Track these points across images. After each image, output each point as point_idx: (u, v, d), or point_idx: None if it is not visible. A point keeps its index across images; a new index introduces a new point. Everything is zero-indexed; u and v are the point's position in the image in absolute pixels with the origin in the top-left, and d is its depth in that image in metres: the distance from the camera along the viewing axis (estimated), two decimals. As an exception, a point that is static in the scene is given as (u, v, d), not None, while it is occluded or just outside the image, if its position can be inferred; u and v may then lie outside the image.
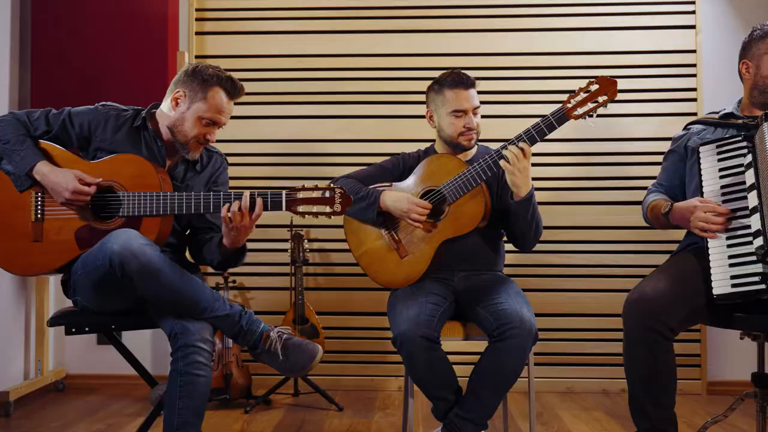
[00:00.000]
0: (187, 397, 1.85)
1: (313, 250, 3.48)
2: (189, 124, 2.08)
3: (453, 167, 2.28)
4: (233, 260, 2.13)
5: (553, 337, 3.43)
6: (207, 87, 2.07)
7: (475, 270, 2.37)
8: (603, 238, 3.45)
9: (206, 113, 2.07)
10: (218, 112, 2.08)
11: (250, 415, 3.00)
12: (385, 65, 3.50)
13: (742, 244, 1.93)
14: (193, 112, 2.08)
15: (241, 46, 3.54)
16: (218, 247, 2.09)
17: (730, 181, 2.00)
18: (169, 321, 1.90)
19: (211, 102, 2.07)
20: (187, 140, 2.10)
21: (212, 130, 2.11)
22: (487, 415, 2.14)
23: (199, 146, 2.13)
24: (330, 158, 3.49)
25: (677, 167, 2.30)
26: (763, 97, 2.17)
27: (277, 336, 1.96)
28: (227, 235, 1.99)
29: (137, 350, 2.42)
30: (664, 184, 2.35)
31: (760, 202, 1.88)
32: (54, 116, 2.10)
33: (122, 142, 2.09)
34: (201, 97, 2.07)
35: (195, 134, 2.09)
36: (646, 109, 3.46)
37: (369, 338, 3.47)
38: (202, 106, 2.07)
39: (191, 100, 2.08)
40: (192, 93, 2.08)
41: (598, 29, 3.48)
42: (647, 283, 2.02)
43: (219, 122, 2.10)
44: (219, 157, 2.30)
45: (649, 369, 1.97)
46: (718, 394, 3.37)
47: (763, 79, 2.16)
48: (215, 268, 2.19)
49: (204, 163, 2.24)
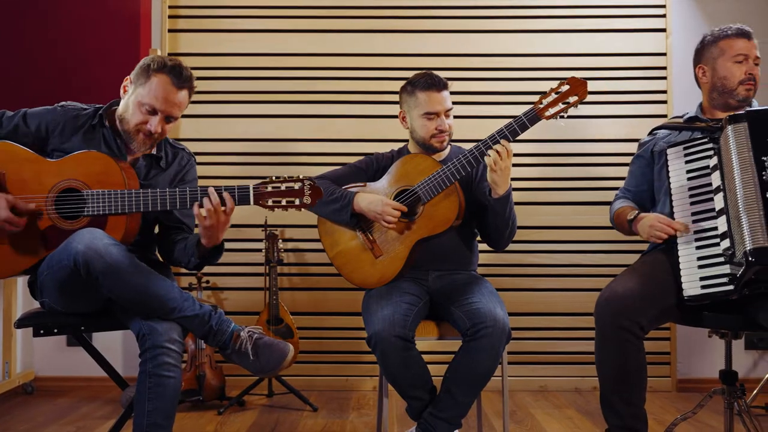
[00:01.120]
0: (157, 399, 1.82)
1: (288, 250, 3.46)
2: (130, 111, 2.03)
3: (427, 167, 2.29)
4: (212, 258, 2.10)
5: (526, 336, 3.45)
6: (150, 73, 2.01)
7: (449, 269, 2.38)
8: (575, 238, 3.49)
9: (145, 98, 2.00)
10: (157, 99, 2.00)
11: (223, 416, 2.97)
12: (360, 65, 3.50)
13: (710, 246, 1.96)
14: (134, 98, 2.02)
15: (215, 44, 3.51)
16: (196, 248, 2.04)
17: (698, 182, 2.04)
18: (137, 322, 1.87)
19: (150, 87, 2.00)
20: (130, 129, 2.03)
21: (155, 119, 2.01)
22: (461, 414, 2.15)
23: (145, 138, 2.04)
24: (304, 158, 3.48)
25: (644, 172, 2.34)
26: (723, 97, 2.23)
27: (248, 336, 1.94)
28: (205, 234, 1.96)
29: (108, 352, 2.39)
30: (631, 190, 2.38)
31: (726, 205, 1.92)
32: (8, 119, 2.05)
33: (79, 145, 2.04)
34: (142, 83, 2.01)
35: (136, 122, 2.02)
36: (617, 110, 3.50)
37: (344, 338, 3.46)
38: (141, 91, 2.01)
39: (134, 87, 2.03)
40: (136, 79, 2.03)
41: (570, 31, 3.52)
42: (618, 283, 2.05)
43: (161, 110, 2.01)
44: (186, 155, 2.24)
45: (620, 367, 1.99)
46: (687, 391, 3.42)
47: (721, 80, 2.22)
48: (192, 269, 2.14)
49: (169, 160, 2.19)
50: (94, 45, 3.29)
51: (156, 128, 2.02)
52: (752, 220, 1.83)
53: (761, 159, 1.87)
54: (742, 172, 1.88)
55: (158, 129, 2.03)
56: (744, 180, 1.87)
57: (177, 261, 2.15)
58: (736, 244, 1.86)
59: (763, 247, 1.79)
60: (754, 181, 1.86)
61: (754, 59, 2.21)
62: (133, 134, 2.04)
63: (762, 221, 1.82)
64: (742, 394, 2.13)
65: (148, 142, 2.07)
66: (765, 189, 1.84)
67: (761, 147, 1.88)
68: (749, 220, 1.83)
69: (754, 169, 1.86)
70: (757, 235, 1.81)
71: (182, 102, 2.06)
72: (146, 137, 2.04)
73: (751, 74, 2.20)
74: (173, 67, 2.02)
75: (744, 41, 2.21)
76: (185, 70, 2.04)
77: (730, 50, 2.21)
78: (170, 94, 2.02)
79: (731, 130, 1.93)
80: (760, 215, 1.82)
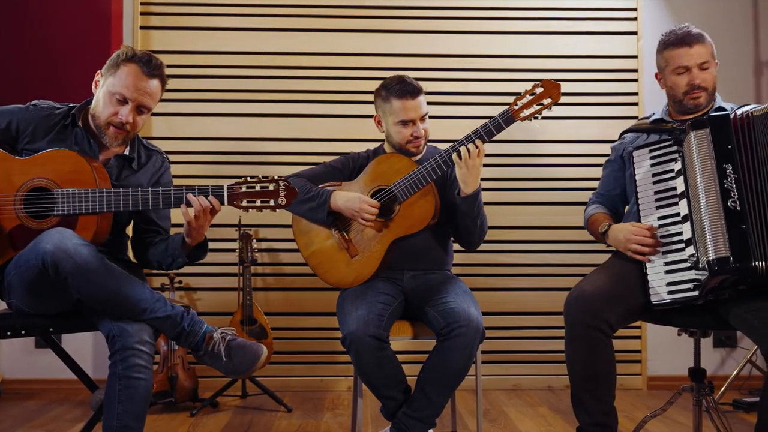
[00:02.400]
0: (127, 401, 1.79)
1: (262, 249, 3.44)
2: (101, 104, 2.00)
3: (403, 166, 2.29)
4: (200, 255, 2.11)
5: (499, 335, 3.48)
6: (119, 62, 1.99)
7: (423, 269, 2.39)
8: (547, 238, 3.52)
9: (115, 87, 1.97)
10: (127, 87, 1.97)
11: (196, 418, 2.94)
12: (334, 64, 3.49)
13: (677, 251, 1.97)
14: (105, 89, 2.00)
15: (188, 42, 3.47)
16: (182, 247, 2.03)
17: (663, 186, 2.04)
18: (107, 323, 1.84)
19: (120, 75, 1.98)
20: (101, 122, 2.00)
21: (126, 109, 1.98)
22: (435, 413, 2.16)
23: (117, 132, 2.01)
24: (279, 157, 3.46)
25: (616, 177, 2.34)
26: (678, 105, 2.22)
27: (221, 337, 1.92)
28: (190, 233, 1.98)
29: (77, 353, 2.35)
30: (603, 194, 2.39)
31: (690, 211, 1.92)
32: None
33: (49, 145, 2.00)
34: (112, 73, 1.99)
35: (108, 114, 1.99)
36: (589, 112, 3.55)
37: (318, 338, 3.45)
38: (112, 80, 1.99)
39: (105, 79, 2.01)
40: (106, 71, 2.02)
41: (542, 33, 3.55)
42: (587, 282, 2.07)
43: (132, 99, 1.98)
44: (159, 156, 2.21)
45: (590, 365, 2.01)
46: (657, 388, 3.48)
47: (670, 90, 2.22)
48: (175, 269, 2.13)
49: (142, 161, 2.16)
50: (65, 42, 3.23)
51: (127, 118, 1.99)
52: (714, 229, 1.84)
53: (723, 167, 1.87)
54: (704, 180, 1.88)
55: (129, 119, 1.99)
56: (706, 188, 1.88)
57: (155, 263, 2.13)
58: (699, 252, 1.87)
59: (725, 257, 1.81)
60: (716, 190, 1.86)
61: (701, 65, 2.14)
62: (105, 128, 2.01)
63: (724, 231, 1.83)
64: (710, 391, 2.17)
65: (121, 136, 2.03)
66: (726, 198, 1.85)
67: (723, 155, 1.88)
68: (712, 230, 1.84)
69: (716, 178, 1.87)
70: (719, 245, 1.82)
71: (153, 91, 2.03)
72: (118, 130, 2.01)
73: (693, 84, 2.13)
74: (142, 56, 2.01)
75: (685, 50, 2.14)
76: (155, 59, 2.03)
77: (671, 62, 2.17)
78: (140, 81, 1.99)
79: (694, 136, 1.93)
80: (722, 224, 1.83)
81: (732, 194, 1.85)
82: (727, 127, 1.91)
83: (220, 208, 1.94)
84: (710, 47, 2.18)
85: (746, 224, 1.83)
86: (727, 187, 1.86)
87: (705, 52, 2.15)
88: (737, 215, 1.84)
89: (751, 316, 1.86)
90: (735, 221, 1.83)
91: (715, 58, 2.21)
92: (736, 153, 1.89)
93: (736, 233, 1.82)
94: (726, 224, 1.83)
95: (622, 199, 2.35)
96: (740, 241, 1.81)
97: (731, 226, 1.83)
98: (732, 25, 3.61)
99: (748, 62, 3.62)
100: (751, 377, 3.35)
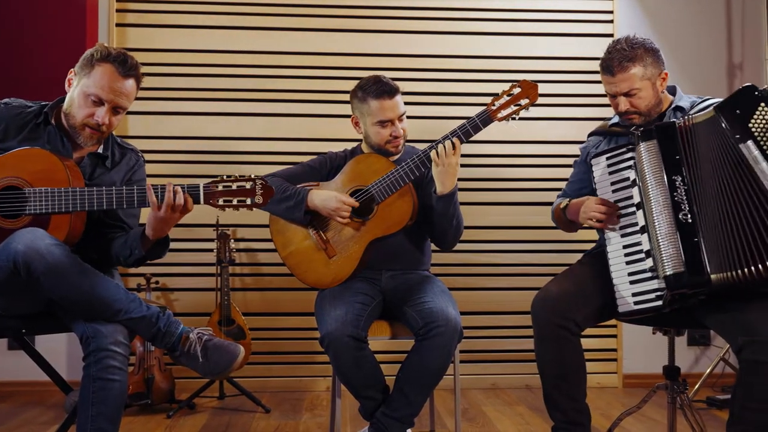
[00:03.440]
0: (101, 403, 1.77)
1: (240, 249, 3.41)
2: (77, 104, 1.97)
3: (381, 167, 2.29)
4: (158, 252, 2.04)
5: (477, 335, 3.49)
6: (93, 62, 1.96)
7: (402, 269, 2.39)
8: (524, 238, 3.54)
9: (90, 89, 1.94)
10: (103, 88, 1.94)
11: (172, 419, 2.91)
12: (311, 64, 3.48)
13: (639, 261, 1.96)
14: (80, 90, 1.96)
15: (165, 40, 3.43)
16: (140, 241, 1.98)
17: (622, 195, 2.03)
18: (81, 324, 1.82)
19: (95, 76, 1.94)
20: (76, 123, 1.97)
21: (102, 111, 1.95)
22: (413, 413, 2.16)
23: (92, 132, 1.98)
24: (256, 156, 3.44)
25: (582, 178, 2.35)
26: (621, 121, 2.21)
27: (197, 337, 1.90)
28: (153, 226, 1.92)
29: (51, 355, 2.31)
30: (570, 193, 2.39)
31: (646, 222, 1.93)
32: None
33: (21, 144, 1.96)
34: (87, 73, 1.96)
35: (83, 115, 1.96)
36: (565, 113, 3.58)
37: (297, 339, 3.43)
38: (86, 81, 1.95)
39: (79, 78, 1.98)
40: (80, 70, 1.98)
41: (520, 35, 3.57)
42: (553, 283, 2.09)
43: (108, 100, 1.95)
44: (134, 155, 2.17)
45: (559, 364, 2.03)
46: (633, 386, 3.52)
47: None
48: (131, 264, 2.05)
49: (116, 159, 2.12)
50: (39, 40, 3.18)
51: (103, 119, 1.96)
52: (669, 243, 1.85)
53: (672, 178, 1.88)
54: (656, 193, 1.89)
55: (105, 120, 1.96)
56: (658, 201, 1.89)
57: (114, 256, 2.06)
58: (657, 266, 1.88)
59: (680, 272, 1.83)
60: (668, 203, 1.88)
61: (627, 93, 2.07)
62: (80, 129, 1.98)
63: (678, 245, 1.84)
64: (684, 389, 2.20)
65: (96, 136, 2.00)
66: (678, 211, 1.86)
67: (672, 165, 1.89)
68: (666, 244, 1.85)
69: (667, 190, 1.88)
70: (674, 260, 1.84)
71: (129, 92, 2.00)
72: (93, 131, 1.98)
73: (620, 111, 2.12)
74: (117, 55, 1.97)
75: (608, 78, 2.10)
76: (130, 59, 1.99)
77: (605, 87, 2.14)
78: (116, 82, 1.96)
79: (644, 148, 1.93)
80: (676, 238, 1.85)
81: (683, 207, 1.86)
82: (673, 136, 1.92)
83: (192, 208, 1.90)
84: (641, 69, 2.06)
85: (698, 237, 1.84)
86: (678, 200, 1.87)
87: (630, 80, 2.06)
88: (689, 228, 1.85)
89: (722, 314, 1.89)
90: (687, 234, 1.84)
91: (660, 70, 2.10)
92: (684, 163, 1.89)
93: (689, 246, 1.83)
94: (679, 238, 1.85)
95: None
96: (692, 254, 1.83)
97: (684, 239, 1.84)
98: (705, 27, 3.66)
99: (721, 64, 3.68)
100: (725, 375, 3.41)
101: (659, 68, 2.11)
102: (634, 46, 2.07)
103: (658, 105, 2.15)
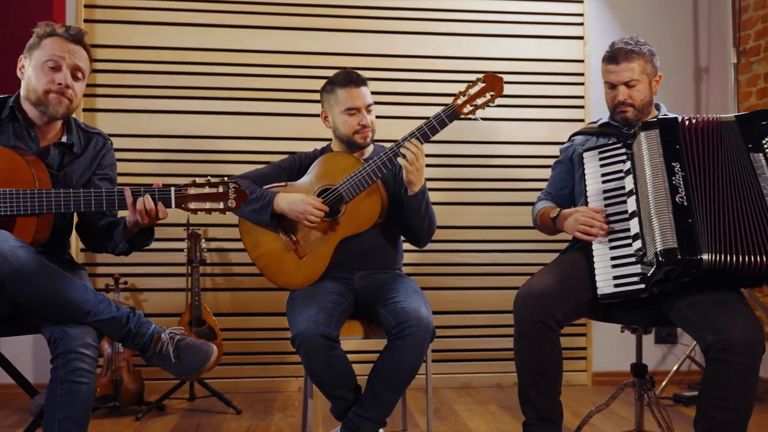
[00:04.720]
0: (69, 407, 1.74)
1: (211, 249, 3.38)
2: (35, 78, 1.96)
3: (348, 165, 2.28)
4: (142, 242, 2.05)
5: (450, 334, 3.51)
6: (40, 39, 1.98)
7: (374, 269, 2.39)
8: (496, 238, 3.57)
9: (44, 56, 1.95)
10: (55, 50, 1.95)
11: (141, 422, 2.87)
12: (284, 62, 3.46)
13: (623, 246, 2.04)
14: (34, 65, 1.96)
15: (135, 37, 3.38)
16: (123, 233, 1.99)
17: (612, 185, 2.13)
18: (48, 326, 1.78)
19: (45, 47, 1.96)
20: (39, 94, 1.95)
21: (61, 73, 1.95)
22: (385, 412, 2.16)
23: (58, 97, 1.96)
24: (227, 155, 3.41)
25: (564, 177, 2.42)
26: (611, 117, 2.34)
27: (169, 337, 1.88)
28: (133, 224, 1.92)
29: (16, 357, 2.26)
30: (551, 193, 2.46)
31: (638, 207, 2.00)
32: None
33: None
34: (35, 48, 1.98)
35: (44, 82, 1.95)
36: (537, 114, 3.61)
37: (268, 339, 3.42)
38: (37, 54, 1.97)
39: (30, 59, 1.98)
40: (29, 52, 1.99)
41: (492, 36, 3.60)
42: (534, 280, 2.12)
43: (64, 61, 1.95)
44: (100, 138, 2.15)
45: (538, 361, 2.06)
46: (602, 384, 3.57)
47: (606, 100, 2.33)
48: (119, 254, 2.07)
49: (83, 145, 2.09)
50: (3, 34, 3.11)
51: (66, 80, 1.95)
52: (662, 222, 1.91)
53: (671, 164, 1.96)
54: (653, 177, 1.96)
55: (68, 81, 1.96)
56: (655, 184, 1.95)
57: (103, 246, 2.08)
58: (647, 245, 1.94)
59: (672, 248, 1.87)
60: (665, 186, 1.94)
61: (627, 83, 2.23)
62: (44, 97, 1.96)
63: (671, 223, 1.90)
64: (651, 386, 2.24)
65: (64, 101, 1.97)
66: (675, 193, 1.93)
67: (671, 153, 1.97)
68: (660, 223, 1.91)
69: (665, 174, 1.95)
70: (666, 236, 1.89)
71: (83, 55, 2.01)
72: (59, 95, 1.96)
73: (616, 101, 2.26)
74: (61, 27, 1.99)
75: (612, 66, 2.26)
76: (75, 27, 2.01)
77: (605, 76, 2.29)
78: (67, 45, 1.97)
79: (644, 136, 2.02)
80: (670, 218, 1.90)
81: (680, 190, 1.93)
82: (675, 129, 2.01)
83: (165, 215, 1.90)
84: (643, 63, 2.24)
85: (693, 219, 1.90)
86: (675, 184, 1.94)
87: (632, 70, 2.23)
88: (685, 210, 1.91)
89: (691, 312, 1.94)
90: (682, 215, 1.90)
91: (656, 71, 2.28)
92: (684, 153, 1.98)
93: (683, 226, 1.89)
94: (673, 218, 1.90)
95: (569, 199, 2.42)
96: (687, 234, 1.88)
97: (678, 219, 1.90)
98: (673, 31, 3.73)
99: (688, 68, 3.75)
100: (691, 372, 3.49)
101: (655, 70, 2.29)
102: (640, 44, 2.26)
103: (649, 105, 2.29)
